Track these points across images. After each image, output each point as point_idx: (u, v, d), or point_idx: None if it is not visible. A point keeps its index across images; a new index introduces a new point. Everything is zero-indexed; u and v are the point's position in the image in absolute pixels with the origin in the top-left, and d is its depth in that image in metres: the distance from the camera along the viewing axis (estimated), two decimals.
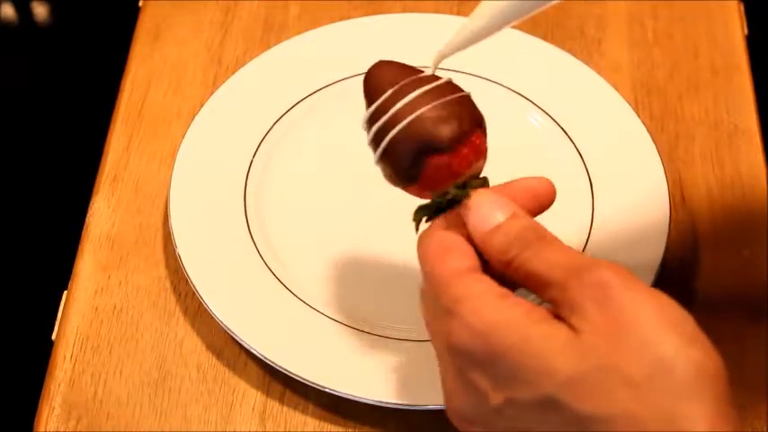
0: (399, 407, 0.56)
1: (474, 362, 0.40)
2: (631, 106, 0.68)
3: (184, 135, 0.65)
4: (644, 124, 0.67)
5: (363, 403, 0.56)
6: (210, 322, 0.60)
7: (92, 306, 0.62)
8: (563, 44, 0.72)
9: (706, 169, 0.68)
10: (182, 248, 0.60)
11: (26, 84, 1.47)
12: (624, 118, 0.67)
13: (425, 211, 0.47)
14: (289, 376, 0.57)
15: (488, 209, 0.43)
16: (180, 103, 0.70)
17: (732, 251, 0.65)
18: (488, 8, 0.45)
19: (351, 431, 0.58)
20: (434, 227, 0.45)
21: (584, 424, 0.37)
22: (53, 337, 0.61)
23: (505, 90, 0.69)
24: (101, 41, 1.36)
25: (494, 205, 0.44)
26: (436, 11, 0.73)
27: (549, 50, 0.71)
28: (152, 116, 0.70)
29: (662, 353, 0.37)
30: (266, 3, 0.76)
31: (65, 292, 0.63)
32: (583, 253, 0.42)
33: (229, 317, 0.58)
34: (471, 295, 0.41)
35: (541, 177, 0.46)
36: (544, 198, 0.46)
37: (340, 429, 0.57)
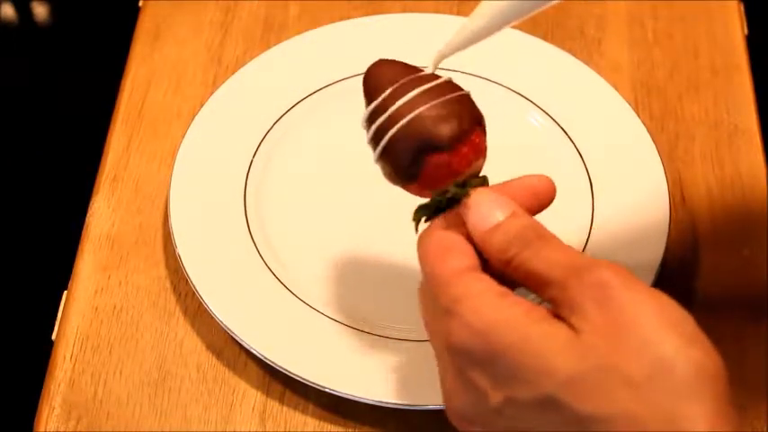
0: (399, 407, 0.56)
1: (473, 361, 0.40)
2: (631, 106, 0.68)
3: (184, 135, 0.65)
4: (644, 124, 0.67)
5: (363, 403, 0.56)
6: (210, 322, 0.60)
7: (92, 306, 0.62)
8: (563, 44, 0.72)
9: (706, 169, 0.68)
10: (182, 248, 0.61)
11: (26, 84, 1.47)
12: (624, 118, 0.67)
13: (425, 211, 0.47)
14: (289, 376, 0.57)
15: (488, 208, 0.43)
16: (180, 103, 0.70)
17: (732, 251, 0.65)
18: (488, 8, 0.45)
19: (351, 431, 0.58)
20: (434, 226, 0.45)
21: (583, 424, 0.37)
22: (53, 337, 0.61)
23: (505, 90, 0.69)
24: (101, 41, 1.36)
25: (493, 204, 0.44)
26: (436, 11, 0.73)
27: (549, 50, 0.71)
28: (152, 116, 0.70)
29: (662, 353, 0.37)
30: (266, 3, 0.76)
31: (65, 292, 0.63)
32: (583, 253, 0.42)
33: (229, 317, 0.58)
34: (471, 294, 0.41)
35: (541, 175, 0.46)
36: (544, 196, 0.46)
37: (340, 429, 0.57)
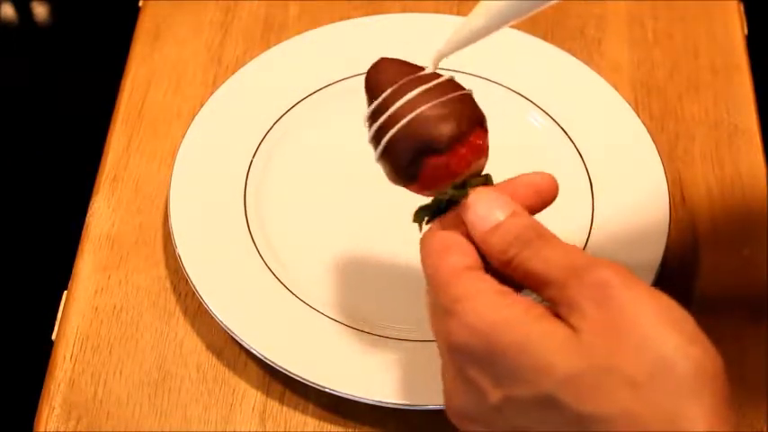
0: (399, 407, 0.56)
1: (473, 360, 0.40)
2: (631, 106, 0.68)
3: (184, 135, 0.65)
4: (644, 124, 0.67)
5: (363, 403, 0.56)
6: (210, 322, 0.60)
7: (92, 306, 0.62)
8: (563, 44, 0.72)
9: (706, 169, 0.68)
10: (182, 248, 0.60)
11: (26, 84, 1.47)
12: (624, 118, 0.67)
13: (425, 212, 0.47)
14: (289, 376, 0.57)
15: (488, 208, 0.43)
16: (180, 103, 0.70)
17: (732, 251, 0.65)
18: (487, 8, 0.45)
19: (351, 431, 0.58)
20: (435, 226, 0.46)
21: (583, 423, 0.37)
22: (53, 337, 0.61)
23: (505, 90, 0.69)
24: (101, 41, 1.36)
25: (493, 204, 0.44)
26: (436, 11, 0.73)
27: (549, 50, 0.71)
28: (152, 116, 0.70)
29: (662, 352, 0.37)
30: (266, 3, 0.76)
31: (65, 292, 0.63)
32: (583, 251, 0.42)
33: (229, 317, 0.58)
34: (470, 294, 0.41)
35: (543, 172, 0.46)
36: (547, 193, 0.46)
37: (340, 429, 0.57)
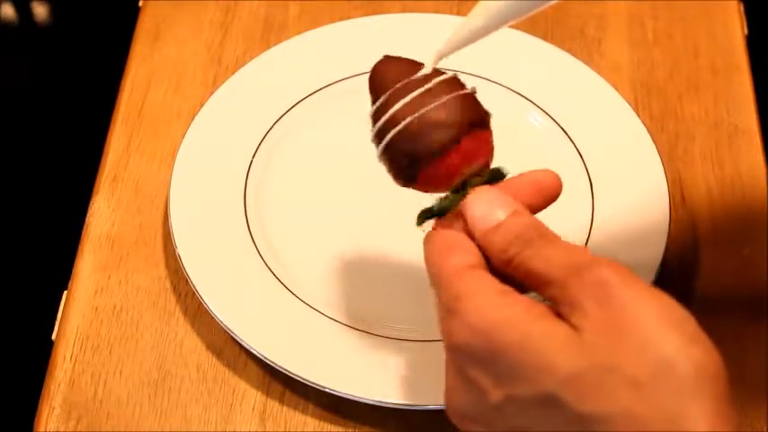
0: (399, 407, 0.56)
1: (474, 359, 0.40)
2: (631, 106, 0.68)
3: (184, 135, 0.65)
4: (644, 124, 0.67)
5: (363, 403, 0.56)
6: (210, 322, 0.60)
7: (92, 306, 0.62)
8: (563, 44, 0.72)
9: (706, 169, 0.68)
10: (182, 248, 0.60)
11: (26, 84, 1.47)
12: (624, 118, 0.67)
13: (427, 215, 0.47)
14: (289, 376, 0.57)
15: (488, 207, 0.43)
16: (180, 103, 0.70)
17: (732, 250, 0.65)
18: (487, 8, 0.45)
19: (351, 431, 0.58)
20: (438, 226, 0.45)
21: (584, 423, 0.37)
22: (53, 337, 0.61)
23: (505, 90, 0.69)
24: (101, 41, 1.36)
25: (494, 203, 0.43)
26: (436, 11, 0.73)
27: (549, 50, 0.71)
28: (152, 116, 0.70)
29: (664, 352, 0.37)
30: (266, 3, 0.76)
31: (65, 292, 0.63)
32: (585, 249, 0.42)
33: (229, 317, 0.58)
34: (471, 293, 0.41)
35: (546, 170, 0.46)
36: (550, 191, 0.46)
37: (340, 429, 0.57)
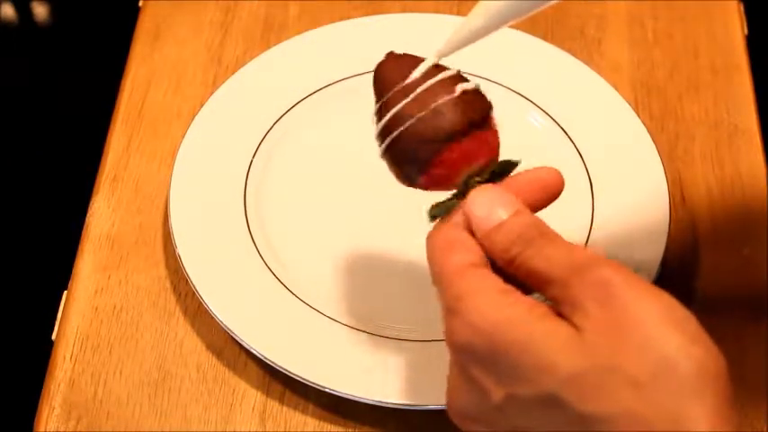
0: (399, 407, 0.56)
1: (476, 359, 0.40)
2: (631, 106, 0.68)
3: (184, 135, 0.65)
4: (644, 124, 0.67)
5: (363, 403, 0.56)
6: (210, 322, 0.60)
7: (92, 306, 0.62)
8: (563, 44, 0.72)
9: (706, 169, 0.68)
10: (182, 248, 0.60)
11: (26, 84, 1.47)
12: (624, 118, 0.67)
13: (434, 211, 0.46)
14: (289, 376, 0.57)
15: (490, 206, 0.43)
16: (180, 103, 0.70)
17: (732, 250, 0.65)
18: (486, 8, 0.45)
19: (351, 431, 0.58)
20: (441, 224, 0.45)
21: (586, 423, 0.37)
22: (53, 337, 0.61)
23: (505, 90, 0.69)
24: (101, 41, 1.36)
25: (496, 202, 0.43)
26: (436, 11, 0.73)
27: (549, 50, 0.71)
28: (152, 116, 0.70)
29: (665, 352, 0.37)
30: (266, 3, 0.76)
31: (65, 292, 0.63)
32: (587, 249, 0.42)
33: (229, 317, 0.58)
34: (472, 292, 0.41)
35: (548, 167, 0.46)
36: (552, 188, 0.46)
37: (340, 429, 0.57)
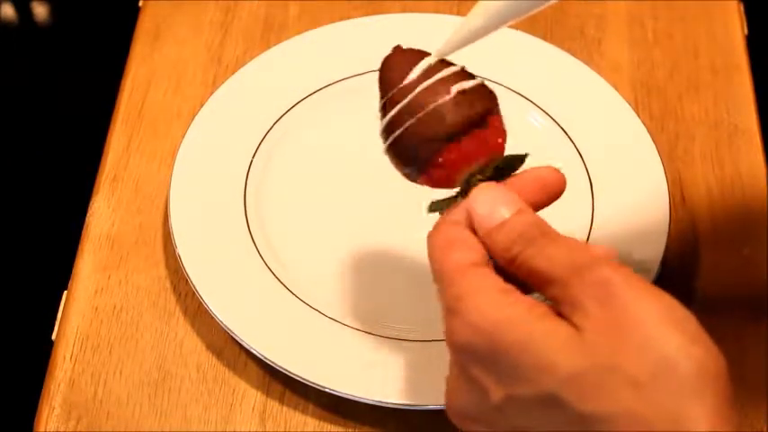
0: (399, 407, 0.56)
1: (476, 359, 0.40)
2: (631, 106, 0.68)
3: (184, 135, 0.65)
4: (644, 124, 0.67)
5: (363, 403, 0.56)
6: (210, 322, 0.60)
7: (92, 306, 0.62)
8: (563, 44, 0.72)
9: (706, 169, 0.68)
10: (182, 248, 0.60)
11: (26, 84, 1.47)
12: (624, 118, 0.67)
13: (436, 206, 0.46)
14: (289, 376, 0.57)
15: (492, 205, 0.43)
16: (180, 103, 0.70)
17: (732, 250, 0.65)
18: (486, 7, 0.45)
19: (351, 431, 0.58)
20: (441, 221, 0.45)
21: (586, 422, 0.37)
22: (53, 337, 0.61)
23: (505, 90, 0.69)
24: (101, 41, 1.36)
25: (498, 201, 0.43)
26: (436, 11, 0.73)
27: (549, 50, 0.71)
28: (152, 116, 0.70)
29: (665, 352, 0.37)
30: (266, 3, 0.76)
31: (65, 292, 0.63)
32: (588, 248, 0.41)
33: (229, 317, 0.58)
34: (473, 291, 0.41)
35: (550, 166, 0.46)
36: (554, 187, 0.45)
37: (340, 429, 0.57)
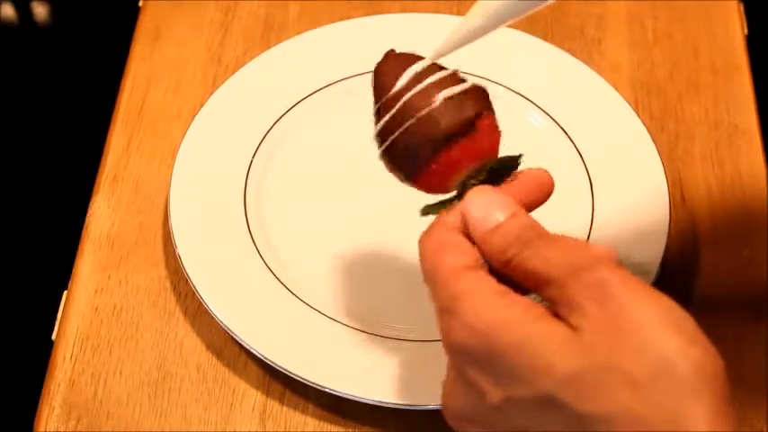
0: (399, 407, 0.56)
1: (473, 360, 0.40)
2: (631, 106, 0.68)
3: (184, 135, 0.65)
4: (644, 124, 0.67)
5: (363, 403, 0.56)
6: (210, 322, 0.60)
7: (92, 306, 0.62)
8: (563, 44, 0.72)
9: (706, 169, 0.68)
10: (182, 248, 0.60)
11: (26, 84, 1.47)
12: (624, 118, 0.67)
13: (429, 210, 0.47)
14: (289, 376, 0.57)
15: (487, 208, 0.43)
16: (180, 103, 0.70)
17: (732, 251, 0.65)
18: (485, 7, 0.45)
19: (351, 431, 0.58)
20: (434, 224, 0.45)
21: (584, 423, 0.37)
22: (53, 337, 0.61)
23: (505, 90, 0.69)
24: (101, 41, 1.36)
25: (493, 204, 0.43)
26: (436, 11, 0.73)
27: (549, 50, 0.71)
28: (152, 116, 0.70)
29: (663, 352, 0.37)
30: (266, 3, 0.76)
31: (65, 292, 0.63)
32: (584, 247, 0.41)
33: (229, 317, 0.58)
34: (469, 293, 0.41)
35: (539, 168, 0.46)
36: (545, 188, 0.46)
37: (340, 429, 0.57)
